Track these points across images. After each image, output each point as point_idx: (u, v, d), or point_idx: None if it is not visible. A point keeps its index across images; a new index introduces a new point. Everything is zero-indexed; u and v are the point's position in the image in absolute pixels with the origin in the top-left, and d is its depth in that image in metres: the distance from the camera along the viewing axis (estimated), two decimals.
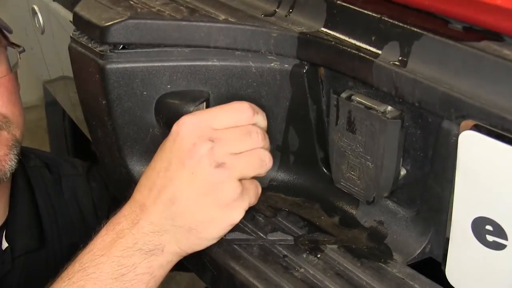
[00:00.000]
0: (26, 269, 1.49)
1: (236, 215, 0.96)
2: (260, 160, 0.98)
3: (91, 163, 1.70)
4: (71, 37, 1.13)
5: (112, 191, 1.63)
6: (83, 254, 0.97)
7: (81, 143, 2.75)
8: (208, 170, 0.93)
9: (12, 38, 1.37)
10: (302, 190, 1.11)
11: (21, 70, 1.41)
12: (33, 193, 1.54)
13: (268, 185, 1.13)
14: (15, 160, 1.35)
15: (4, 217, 1.47)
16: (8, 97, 1.32)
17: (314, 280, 0.91)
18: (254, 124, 0.98)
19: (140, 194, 0.97)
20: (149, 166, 1.00)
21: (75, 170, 1.65)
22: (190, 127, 0.95)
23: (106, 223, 0.98)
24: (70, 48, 1.13)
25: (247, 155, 0.97)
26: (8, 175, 1.35)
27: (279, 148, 1.11)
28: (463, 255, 0.86)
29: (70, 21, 1.26)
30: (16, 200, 1.50)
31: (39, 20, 1.58)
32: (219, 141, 0.94)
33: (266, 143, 0.99)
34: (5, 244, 1.45)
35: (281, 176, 1.13)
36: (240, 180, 0.96)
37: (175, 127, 0.96)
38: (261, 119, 1.00)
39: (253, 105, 0.99)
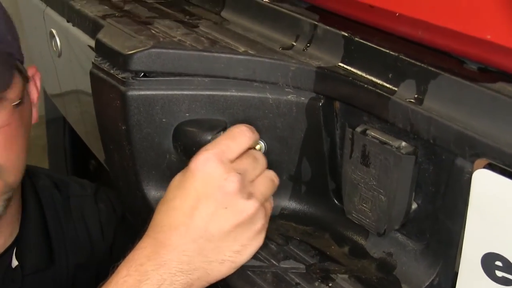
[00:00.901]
0: (36, 287, 1.50)
1: (263, 236, 1.00)
2: (271, 181, 1.03)
3: (98, 184, 1.71)
4: (93, 62, 1.15)
5: (119, 213, 1.64)
6: None
7: (80, 161, 2.76)
8: (242, 203, 0.95)
9: (26, 61, 1.39)
10: (313, 219, 1.13)
11: None
12: (43, 212, 1.55)
13: (279, 213, 1.15)
14: (3, 206, 1.34)
15: (14, 235, 1.49)
16: (5, 145, 1.28)
17: None
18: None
19: (163, 234, 0.96)
20: (165, 204, 0.98)
21: (84, 191, 1.66)
22: (215, 162, 0.96)
23: (124, 261, 0.98)
24: (91, 73, 1.15)
25: (262, 179, 1.01)
26: None
27: (291, 178, 1.13)
28: None
29: (89, 46, 1.30)
30: (26, 219, 1.51)
31: (57, 44, 1.61)
32: (242, 172, 0.97)
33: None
34: (15, 262, 1.47)
35: (293, 205, 1.15)
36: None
37: (195, 164, 0.96)
38: (256, 138, 1.04)
39: (247, 125, 1.03)
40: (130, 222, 1.57)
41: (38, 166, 1.70)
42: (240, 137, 1.01)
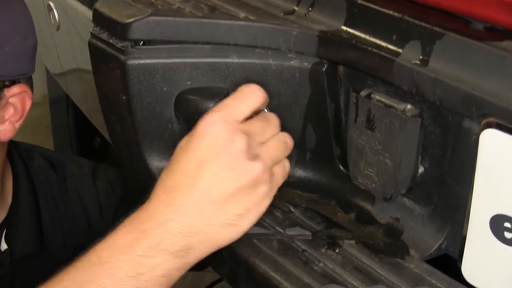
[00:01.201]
0: (24, 273, 1.48)
1: (268, 202, 0.97)
2: (284, 143, 1.00)
3: (96, 163, 1.70)
4: (91, 33, 1.13)
5: (119, 192, 1.62)
6: (102, 248, 0.95)
7: (84, 139, 2.76)
8: (247, 164, 0.93)
9: None
10: (319, 186, 1.12)
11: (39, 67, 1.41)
12: (36, 195, 1.54)
13: (284, 181, 1.14)
14: None
15: (2, 217, 1.47)
16: None
17: (334, 274, 0.92)
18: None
19: (167, 195, 0.95)
20: (170, 168, 0.97)
21: (81, 170, 1.64)
22: (222, 124, 0.94)
23: (126, 220, 0.96)
24: (90, 44, 1.14)
25: (273, 142, 0.99)
26: None
27: (296, 145, 1.11)
28: (480, 252, 0.87)
29: (89, 19, 1.28)
30: (17, 202, 1.49)
31: (55, 17, 1.59)
32: (250, 133, 0.95)
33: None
34: (4, 246, 1.45)
35: (298, 172, 1.14)
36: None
37: (201, 126, 0.94)
38: (266, 98, 1.01)
39: (256, 85, 1.00)
40: (130, 201, 1.57)
41: (42, 145, 1.69)
42: (249, 97, 0.99)
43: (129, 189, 1.55)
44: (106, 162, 1.73)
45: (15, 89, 1.34)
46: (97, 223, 1.61)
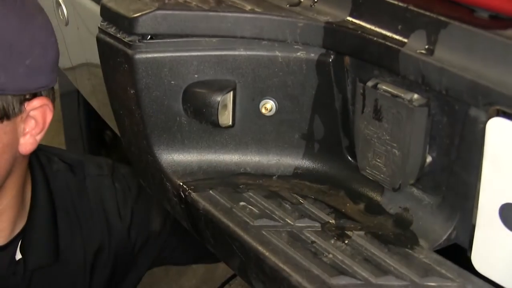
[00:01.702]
0: (38, 283, 1.49)
1: None
2: None
3: (114, 162, 1.69)
4: (99, 27, 1.14)
5: (134, 191, 1.62)
6: None
7: (95, 132, 2.77)
8: None
9: None
10: (327, 177, 1.12)
11: None
12: (54, 205, 1.52)
13: (293, 173, 1.14)
14: None
15: (21, 226, 1.47)
16: None
17: (343, 266, 0.92)
18: None
19: None
20: None
21: (101, 170, 1.63)
22: None
23: None
24: (98, 39, 1.14)
25: None
26: None
27: (304, 137, 1.12)
28: (490, 241, 0.86)
29: (97, 14, 1.28)
30: (35, 212, 1.49)
31: (63, 12, 1.60)
32: None
33: None
34: (18, 255, 1.45)
35: (306, 164, 1.14)
36: None
37: None
38: None
39: None
40: (145, 199, 1.57)
41: (53, 140, 1.68)
42: None
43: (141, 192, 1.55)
44: (116, 155, 1.73)
45: (36, 103, 1.31)
46: (115, 224, 1.61)
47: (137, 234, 1.63)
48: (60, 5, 1.59)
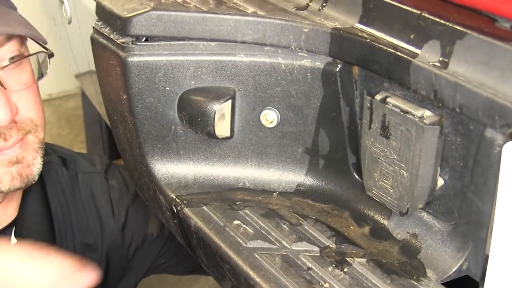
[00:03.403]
0: None
1: None
2: None
3: (110, 160, 1.67)
4: (93, 27, 1.09)
5: (132, 191, 1.59)
6: None
7: None
8: None
9: (40, 27, 1.33)
10: (331, 196, 1.06)
11: (59, 59, 1.37)
12: (46, 191, 1.51)
13: (295, 190, 1.07)
14: (41, 163, 1.34)
15: (14, 215, 1.45)
16: (35, 102, 1.32)
17: None
18: None
19: None
20: None
21: (93, 168, 1.61)
22: None
23: None
24: (92, 39, 1.09)
25: None
26: (36, 178, 1.34)
27: (308, 151, 1.05)
28: (504, 275, 0.80)
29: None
30: (27, 198, 1.47)
31: (66, 10, 1.54)
32: None
33: None
34: (14, 241, 1.42)
35: (309, 181, 1.07)
36: None
37: None
38: None
39: None
40: (143, 201, 1.52)
41: (77, 137, 1.66)
42: None
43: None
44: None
45: None
46: (108, 221, 1.57)
47: (132, 235, 1.59)
48: (63, 2, 1.54)
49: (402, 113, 0.85)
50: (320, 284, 0.87)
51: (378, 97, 0.88)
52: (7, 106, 1.23)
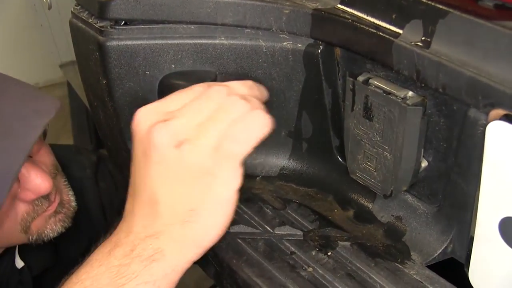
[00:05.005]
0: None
1: (227, 187, 0.82)
2: (238, 112, 0.83)
3: (99, 158, 1.62)
4: (72, 11, 1.07)
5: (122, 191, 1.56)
6: (81, 266, 0.88)
7: None
8: (171, 153, 0.82)
9: (20, 14, 1.30)
10: (315, 180, 1.04)
11: (44, 49, 1.32)
12: None
13: (278, 174, 1.06)
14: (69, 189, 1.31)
15: None
16: (47, 147, 1.24)
17: (323, 281, 0.84)
18: None
19: (127, 202, 0.90)
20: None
21: (83, 172, 1.56)
22: (144, 114, 0.85)
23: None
24: (70, 24, 1.07)
25: (215, 117, 0.83)
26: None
27: (291, 135, 1.03)
28: (488, 256, 0.79)
29: None
30: None
31: None
32: (174, 118, 0.83)
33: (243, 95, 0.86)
34: (20, 263, 1.37)
35: (293, 164, 1.06)
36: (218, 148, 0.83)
37: (133, 119, 0.86)
38: (236, 88, 0.87)
39: (215, 83, 0.88)
40: None
41: (65, 126, 1.62)
42: (191, 91, 0.87)
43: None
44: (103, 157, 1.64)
45: None
46: (99, 226, 1.52)
47: None
48: None
49: (384, 94, 0.83)
50: (304, 268, 0.86)
51: (361, 78, 0.87)
52: (45, 173, 1.15)
